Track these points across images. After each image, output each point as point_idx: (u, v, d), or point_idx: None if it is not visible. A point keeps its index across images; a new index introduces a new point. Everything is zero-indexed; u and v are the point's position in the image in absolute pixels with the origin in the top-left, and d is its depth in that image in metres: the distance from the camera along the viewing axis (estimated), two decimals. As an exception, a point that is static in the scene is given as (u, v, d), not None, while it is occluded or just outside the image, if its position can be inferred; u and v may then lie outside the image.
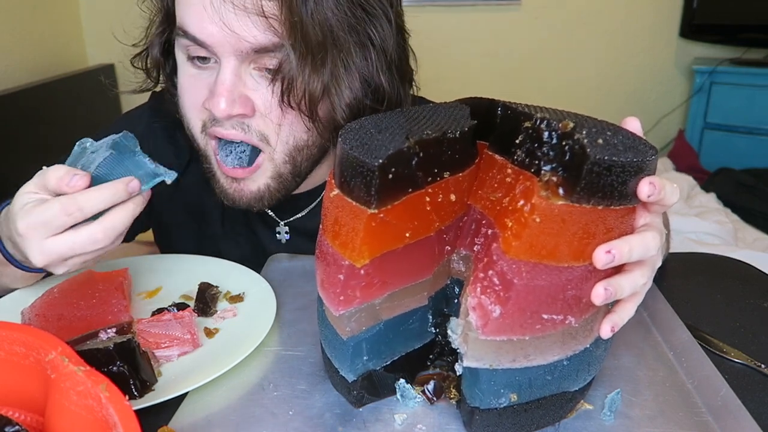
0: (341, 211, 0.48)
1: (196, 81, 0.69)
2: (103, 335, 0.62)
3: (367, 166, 0.43)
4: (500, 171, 0.49)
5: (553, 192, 0.42)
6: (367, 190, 0.44)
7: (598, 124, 0.44)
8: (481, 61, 2.66)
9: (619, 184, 0.42)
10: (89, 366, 0.41)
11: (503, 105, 0.51)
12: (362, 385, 0.53)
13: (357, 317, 0.50)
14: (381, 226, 0.46)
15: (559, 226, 0.42)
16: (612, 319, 0.48)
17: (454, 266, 0.55)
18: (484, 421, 0.50)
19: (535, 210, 0.42)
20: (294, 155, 0.71)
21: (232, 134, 0.68)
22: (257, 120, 0.68)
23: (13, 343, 0.44)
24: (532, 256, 0.43)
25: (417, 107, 0.53)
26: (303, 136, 0.70)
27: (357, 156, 0.44)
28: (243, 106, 0.66)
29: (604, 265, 0.43)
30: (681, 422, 0.52)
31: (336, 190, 0.48)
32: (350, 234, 0.46)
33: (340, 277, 0.48)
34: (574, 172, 0.41)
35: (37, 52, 2.41)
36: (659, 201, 0.45)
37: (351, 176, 0.46)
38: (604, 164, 0.41)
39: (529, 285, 0.43)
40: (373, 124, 0.49)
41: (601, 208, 0.42)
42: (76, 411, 0.40)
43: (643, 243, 0.45)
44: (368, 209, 0.45)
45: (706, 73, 2.38)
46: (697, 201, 2.10)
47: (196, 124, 0.71)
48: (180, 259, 0.82)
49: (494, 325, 0.45)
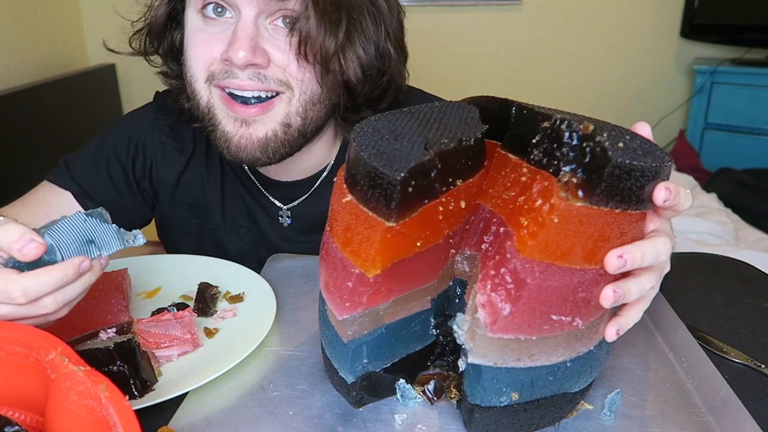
0: (355, 219, 0.47)
1: (207, 35, 0.70)
2: (103, 335, 0.62)
3: (388, 179, 0.42)
4: (514, 170, 0.49)
5: (573, 193, 0.42)
6: (387, 203, 0.43)
7: (615, 128, 0.44)
8: (481, 60, 2.66)
9: (637, 189, 0.42)
10: (89, 366, 0.41)
11: (518, 105, 0.50)
12: (362, 386, 0.53)
13: (360, 321, 0.50)
14: (396, 237, 0.45)
15: (576, 227, 0.42)
16: (618, 323, 0.48)
17: (458, 266, 0.55)
18: (484, 419, 0.50)
19: (554, 210, 0.42)
20: (307, 109, 0.72)
21: (249, 85, 0.69)
22: (273, 70, 0.69)
23: (13, 343, 0.44)
24: (547, 257, 0.43)
25: (424, 106, 0.52)
26: (316, 92, 0.72)
27: (376, 166, 0.43)
28: (261, 55, 0.68)
29: (615, 270, 0.43)
30: (681, 422, 0.52)
31: (349, 196, 0.47)
32: (364, 244, 0.46)
33: (349, 284, 0.47)
34: (595, 175, 0.41)
35: (38, 52, 2.41)
36: (673, 207, 0.45)
37: (369, 186, 0.44)
38: (625, 168, 0.41)
39: (541, 285, 0.43)
40: (386, 128, 0.48)
41: (618, 211, 0.43)
42: (76, 411, 0.40)
43: (654, 249, 0.45)
44: (387, 222, 0.44)
45: (707, 73, 2.37)
46: (698, 201, 2.10)
47: (201, 75, 0.72)
48: (180, 259, 0.82)
49: (503, 323, 0.45)
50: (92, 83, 2.56)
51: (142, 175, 0.88)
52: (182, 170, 0.88)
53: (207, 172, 0.88)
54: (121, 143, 0.87)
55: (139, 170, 0.88)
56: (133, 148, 0.87)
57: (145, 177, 0.88)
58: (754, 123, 2.33)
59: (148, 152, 0.87)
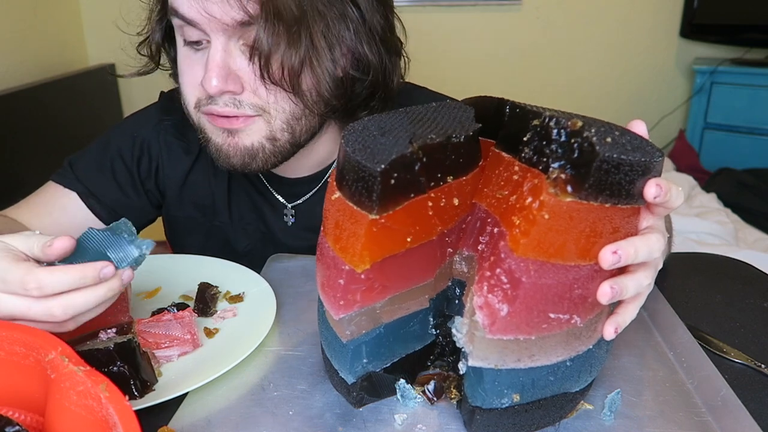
0: (342, 215, 0.47)
1: (191, 62, 0.71)
2: (103, 335, 0.61)
3: (369, 170, 0.43)
4: (507, 169, 0.49)
5: (562, 189, 0.42)
6: (369, 196, 0.44)
7: (605, 124, 0.44)
8: (481, 60, 2.66)
9: (626, 183, 0.42)
10: (89, 366, 0.41)
11: (512, 104, 0.51)
12: (362, 387, 0.53)
13: (357, 321, 0.50)
14: (382, 231, 0.45)
15: (567, 223, 0.42)
16: (615, 321, 0.49)
17: (456, 267, 0.55)
18: (485, 421, 0.50)
19: (543, 207, 0.42)
20: (292, 125, 0.72)
21: (226, 111, 0.69)
22: (247, 95, 0.69)
23: (13, 343, 0.44)
24: (540, 255, 0.43)
25: (420, 106, 0.52)
26: (295, 109, 0.71)
27: (359, 160, 0.44)
28: (233, 82, 0.67)
29: (610, 266, 0.43)
30: (681, 422, 0.52)
31: (337, 192, 0.48)
32: (351, 239, 0.46)
33: (341, 281, 0.48)
34: (583, 170, 0.42)
35: (38, 52, 2.41)
36: (664, 203, 0.45)
37: (353, 180, 0.45)
38: (613, 162, 0.41)
39: (536, 283, 0.43)
40: (376, 126, 0.48)
41: (608, 206, 0.43)
42: (76, 411, 0.40)
43: (647, 245, 0.45)
44: (369, 215, 0.44)
45: (707, 73, 2.37)
46: (698, 201, 2.10)
47: (191, 101, 0.73)
48: (180, 259, 0.82)
49: (502, 323, 0.45)
50: (92, 83, 2.55)
51: (148, 176, 0.89)
52: (189, 170, 0.88)
53: (214, 170, 0.88)
54: (126, 144, 0.88)
55: (145, 171, 0.88)
56: (138, 148, 0.88)
57: (151, 177, 0.89)
58: (753, 123, 2.33)
59: (153, 153, 0.88)
